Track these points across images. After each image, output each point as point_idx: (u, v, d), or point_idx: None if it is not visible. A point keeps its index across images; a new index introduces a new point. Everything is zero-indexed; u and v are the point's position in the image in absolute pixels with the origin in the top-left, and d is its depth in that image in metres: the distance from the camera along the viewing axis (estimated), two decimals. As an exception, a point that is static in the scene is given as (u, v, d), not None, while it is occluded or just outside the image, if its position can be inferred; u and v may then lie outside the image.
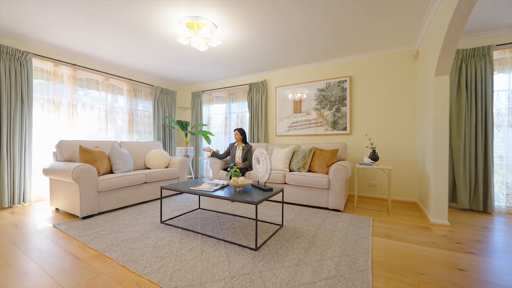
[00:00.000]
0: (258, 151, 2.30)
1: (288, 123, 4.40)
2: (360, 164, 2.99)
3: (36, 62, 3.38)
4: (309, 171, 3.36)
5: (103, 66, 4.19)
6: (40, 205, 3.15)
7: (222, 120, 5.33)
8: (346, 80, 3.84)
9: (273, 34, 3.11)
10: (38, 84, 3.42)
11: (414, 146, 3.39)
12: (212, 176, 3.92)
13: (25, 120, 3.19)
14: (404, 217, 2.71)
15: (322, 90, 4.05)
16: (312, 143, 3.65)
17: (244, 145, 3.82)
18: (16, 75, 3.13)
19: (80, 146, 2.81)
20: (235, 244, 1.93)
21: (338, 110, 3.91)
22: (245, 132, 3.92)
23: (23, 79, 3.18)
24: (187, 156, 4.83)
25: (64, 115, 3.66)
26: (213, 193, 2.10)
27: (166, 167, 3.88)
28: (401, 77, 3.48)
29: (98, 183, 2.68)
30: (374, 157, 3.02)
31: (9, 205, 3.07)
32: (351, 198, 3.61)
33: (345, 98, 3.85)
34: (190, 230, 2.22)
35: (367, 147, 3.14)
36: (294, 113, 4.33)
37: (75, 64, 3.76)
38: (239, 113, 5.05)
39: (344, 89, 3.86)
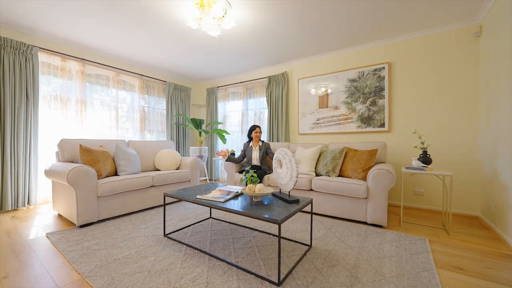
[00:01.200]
0: (281, 152, 1.83)
1: (313, 120, 3.86)
2: (406, 168, 2.40)
3: (42, 57, 3.20)
4: (339, 175, 2.82)
5: (113, 61, 3.96)
6: (45, 209, 2.94)
7: (238, 118, 4.92)
8: (383, 68, 3.23)
9: (296, 15, 2.61)
10: (45, 80, 3.24)
11: (475, 146, 2.71)
12: (226, 179, 3.51)
13: (30, 118, 3.00)
14: (470, 238, 2.08)
15: (354, 80, 3.47)
16: (342, 142, 3.09)
17: (260, 144, 3.37)
18: (21, 70, 2.95)
19: (81, 145, 2.53)
20: (251, 273, 1.47)
21: (373, 103, 3.31)
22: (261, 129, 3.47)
23: (28, 74, 2.99)
24: (201, 157, 4.48)
25: (72, 113, 3.45)
26: (223, 205, 1.66)
27: (177, 169, 3.54)
28: (455, 61, 2.81)
29: (98, 187, 2.38)
30: (425, 159, 2.41)
31: (14, 208, 2.89)
32: (392, 209, 3.00)
33: (382, 89, 3.24)
34: (197, 249, 1.81)
35: (415, 147, 2.53)
36: (319, 108, 3.79)
37: (84, 59, 3.55)
38: (257, 110, 4.60)
39: (381, 78, 3.25)
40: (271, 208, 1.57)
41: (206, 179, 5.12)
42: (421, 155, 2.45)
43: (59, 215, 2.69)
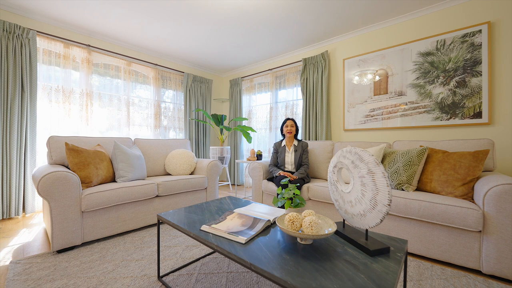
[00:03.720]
0: (348, 154, 1.01)
1: (365, 112, 2.94)
2: (552, 182, 1.41)
3: (41, 43, 2.79)
4: (417, 189, 1.90)
5: (123, 48, 3.48)
6: (38, 219, 2.50)
7: (266, 112, 4.16)
8: (479, 31, 2.20)
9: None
10: (44, 69, 2.82)
11: None
12: (252, 189, 2.77)
13: (26, 112, 2.59)
14: None
15: (428, 53, 2.48)
16: (414, 140, 2.15)
17: (296, 143, 2.55)
18: (15, 57, 2.55)
19: (66, 144, 1.98)
20: None
21: (461, 84, 2.30)
22: (297, 124, 2.65)
23: (24, 62, 2.58)
24: (222, 158, 3.81)
25: (76, 107, 3.01)
26: (242, 252, 0.91)
27: (191, 173, 2.89)
28: None
29: (82, 199, 1.79)
30: None
31: (7, 217, 2.49)
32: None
33: (477, 62, 2.21)
34: (200, 316, 1.08)
35: None
36: (374, 95, 2.85)
37: (90, 45, 3.09)
38: (289, 102, 3.79)
39: (475, 47, 2.23)
40: (337, 268, 0.78)
41: (228, 184, 4.45)
42: None
43: (45, 231, 2.19)
